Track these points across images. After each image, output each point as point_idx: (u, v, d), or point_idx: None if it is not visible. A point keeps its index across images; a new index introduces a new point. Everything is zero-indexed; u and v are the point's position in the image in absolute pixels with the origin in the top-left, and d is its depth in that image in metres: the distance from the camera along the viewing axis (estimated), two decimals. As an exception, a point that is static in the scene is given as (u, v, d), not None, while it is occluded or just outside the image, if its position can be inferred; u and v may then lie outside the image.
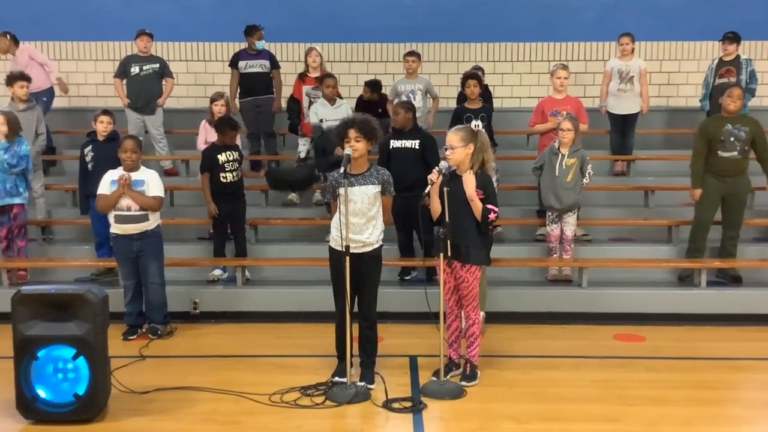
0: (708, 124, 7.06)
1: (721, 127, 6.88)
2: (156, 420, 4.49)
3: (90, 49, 10.55)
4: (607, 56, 10.04)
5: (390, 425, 4.45)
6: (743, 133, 6.84)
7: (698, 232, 7.12)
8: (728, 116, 6.90)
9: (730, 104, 6.86)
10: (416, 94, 8.44)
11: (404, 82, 8.58)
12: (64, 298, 4.38)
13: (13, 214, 7.04)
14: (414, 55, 8.64)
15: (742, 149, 6.88)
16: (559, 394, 4.89)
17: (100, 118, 6.96)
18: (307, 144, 8.33)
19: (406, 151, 6.80)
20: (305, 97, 8.12)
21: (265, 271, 7.43)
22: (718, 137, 6.87)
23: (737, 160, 6.91)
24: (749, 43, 9.87)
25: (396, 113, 6.95)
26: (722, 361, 5.65)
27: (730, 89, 6.97)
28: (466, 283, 4.93)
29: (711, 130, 6.93)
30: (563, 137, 6.93)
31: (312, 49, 8.22)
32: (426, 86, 8.53)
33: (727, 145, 6.87)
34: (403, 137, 6.88)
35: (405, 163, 6.69)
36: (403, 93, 8.46)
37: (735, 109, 6.87)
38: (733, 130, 6.85)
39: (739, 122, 6.88)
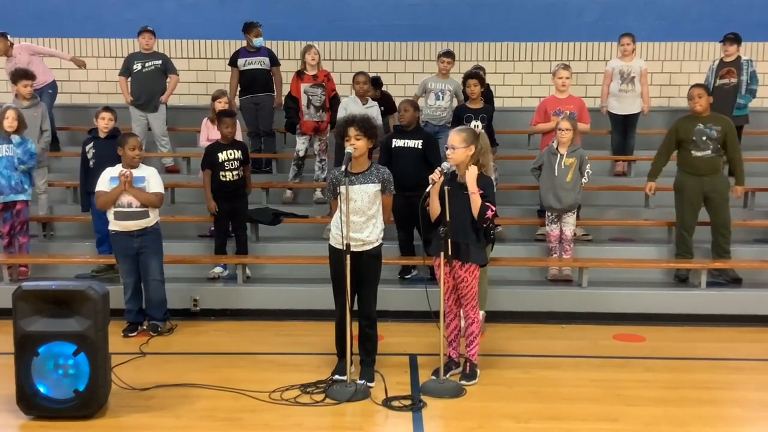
0: (679, 124, 7.09)
1: (693, 127, 6.92)
2: (156, 417, 4.49)
3: (91, 46, 10.55)
4: (609, 56, 10.03)
5: (389, 423, 4.46)
6: (715, 132, 6.88)
7: (683, 234, 7.14)
8: (699, 115, 6.93)
9: (695, 105, 6.92)
10: (445, 94, 8.40)
11: (435, 80, 8.54)
12: (65, 295, 4.39)
13: (17, 210, 7.07)
14: (450, 55, 8.57)
15: (715, 147, 6.91)
16: (559, 393, 4.90)
17: (102, 115, 6.96)
18: (306, 142, 8.33)
19: (409, 151, 6.79)
20: (303, 95, 8.13)
21: (265, 268, 7.43)
22: (690, 137, 6.92)
23: (712, 159, 6.94)
24: (750, 44, 9.86)
25: (405, 110, 6.90)
26: (721, 362, 5.66)
27: (690, 91, 7.00)
28: (465, 282, 4.94)
29: (682, 130, 6.99)
30: (561, 137, 6.93)
31: (310, 47, 8.22)
32: (456, 88, 8.49)
33: (700, 144, 6.90)
34: (406, 137, 6.88)
35: (407, 162, 6.69)
36: (433, 91, 8.43)
37: (701, 109, 6.91)
38: (705, 129, 6.89)
39: (711, 121, 6.92)
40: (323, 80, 8.18)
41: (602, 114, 9.08)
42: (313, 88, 8.13)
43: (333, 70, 9.98)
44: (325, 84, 8.17)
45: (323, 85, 8.16)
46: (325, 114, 8.18)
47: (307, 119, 8.17)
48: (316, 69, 8.17)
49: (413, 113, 6.91)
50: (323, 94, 8.15)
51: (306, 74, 8.16)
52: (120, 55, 10.07)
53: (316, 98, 8.14)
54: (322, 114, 8.18)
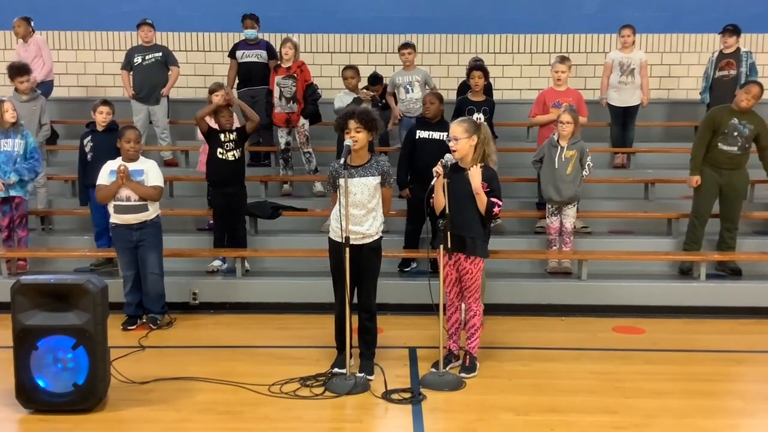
0: (715, 114, 7.00)
1: (728, 119, 6.85)
2: (155, 410, 4.49)
3: (89, 38, 10.51)
4: (608, 48, 10.01)
5: (389, 416, 4.46)
6: (747, 130, 6.82)
7: (696, 224, 7.12)
8: (737, 110, 6.87)
9: (742, 101, 6.81)
10: (414, 85, 8.40)
11: (402, 74, 8.54)
12: (64, 288, 4.39)
13: (15, 204, 7.05)
14: (409, 47, 8.56)
15: (743, 145, 6.87)
16: (558, 385, 4.90)
17: (100, 109, 6.94)
18: (284, 135, 8.32)
19: (434, 143, 6.74)
20: (276, 87, 8.11)
21: (264, 262, 7.43)
22: (723, 129, 6.85)
23: (736, 155, 6.89)
24: (749, 35, 9.84)
25: (431, 102, 6.87)
26: (721, 354, 5.67)
27: (748, 86, 6.88)
28: (469, 274, 4.93)
29: (717, 120, 6.90)
30: (562, 130, 6.91)
31: (287, 40, 8.20)
32: (424, 77, 8.49)
33: (730, 138, 6.85)
34: (431, 128, 6.85)
35: (432, 154, 6.61)
36: (401, 85, 8.44)
37: (746, 107, 6.83)
38: (739, 125, 6.83)
39: (746, 118, 6.85)
40: (295, 71, 8.13)
41: (602, 106, 9.06)
42: (285, 79, 8.12)
43: (331, 63, 9.99)
44: (296, 75, 8.12)
45: (294, 77, 8.11)
46: (295, 105, 8.15)
47: (278, 111, 8.16)
48: (290, 62, 8.15)
49: (438, 106, 6.89)
50: (293, 85, 8.10)
51: (281, 67, 8.16)
52: (118, 48, 10.04)
53: (287, 89, 8.11)
54: (293, 105, 8.14)
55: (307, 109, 8.20)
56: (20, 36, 9.01)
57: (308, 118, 8.29)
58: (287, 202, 8.03)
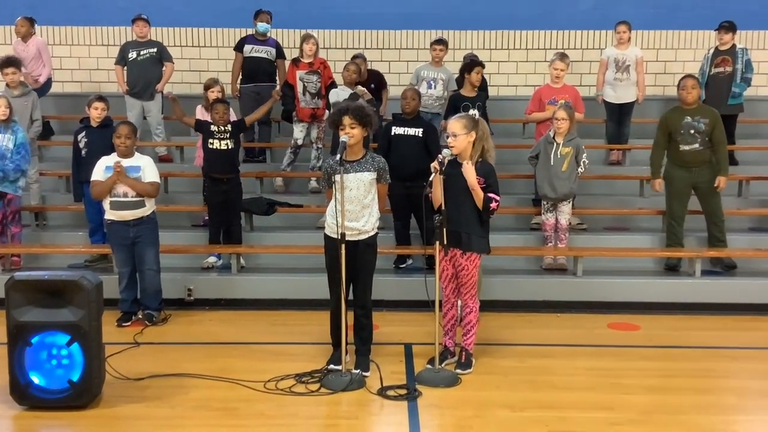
0: (667, 117, 7.06)
1: (681, 120, 6.90)
2: (150, 406, 4.48)
3: (83, 34, 10.47)
4: (604, 45, 9.99)
5: (385, 413, 4.46)
6: (702, 125, 6.85)
7: (673, 224, 7.15)
8: (687, 108, 6.90)
9: (686, 96, 6.86)
10: (438, 83, 8.37)
11: (428, 68, 8.49)
12: (58, 285, 4.37)
13: (8, 200, 7.01)
14: (442, 43, 8.52)
15: (703, 140, 6.89)
16: (554, 382, 4.90)
17: (95, 105, 6.91)
18: (303, 130, 8.28)
19: (409, 139, 6.74)
20: (299, 82, 8.09)
21: (259, 258, 7.41)
22: (678, 130, 6.89)
23: (700, 152, 6.92)
24: (745, 32, 9.85)
25: (412, 98, 6.83)
26: (716, 350, 5.68)
27: (683, 80, 6.95)
28: (465, 271, 4.93)
29: (670, 123, 6.96)
30: (558, 126, 6.91)
31: (310, 36, 8.17)
32: (448, 77, 8.46)
33: (687, 137, 6.89)
34: (407, 125, 6.82)
35: (407, 151, 6.64)
36: (426, 79, 8.39)
37: (693, 100, 6.87)
38: (693, 122, 6.86)
39: (699, 114, 6.89)
40: (319, 67, 8.15)
41: (598, 102, 9.06)
42: (309, 74, 8.10)
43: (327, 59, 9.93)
44: (321, 71, 8.14)
45: (319, 72, 8.13)
46: (320, 101, 8.15)
47: (304, 106, 8.13)
48: (312, 58, 8.14)
49: (418, 102, 6.88)
50: (318, 81, 8.11)
51: (302, 62, 8.13)
52: (113, 44, 10.00)
53: (312, 85, 8.10)
54: (318, 101, 8.14)
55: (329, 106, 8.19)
56: (21, 35, 8.96)
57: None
58: (283, 198, 8.02)
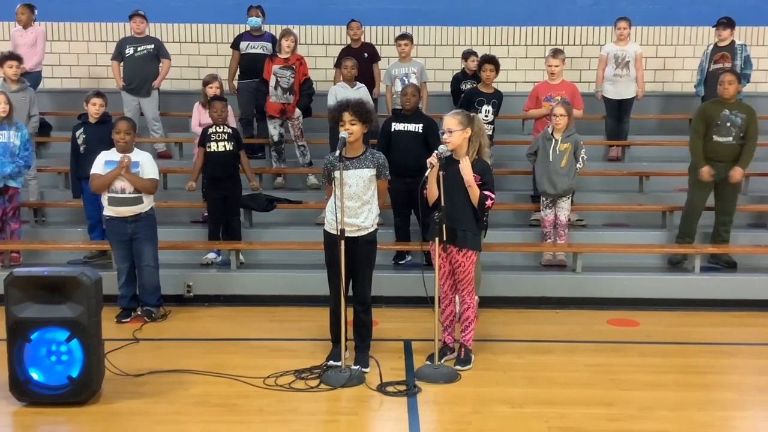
0: (706, 107, 7.06)
1: (719, 111, 6.88)
2: (150, 402, 4.48)
3: (82, 30, 10.44)
4: (603, 41, 9.98)
5: (384, 409, 4.46)
6: (740, 119, 6.85)
7: (690, 216, 7.14)
8: (726, 101, 6.90)
9: (724, 92, 6.87)
10: (410, 77, 8.37)
11: (398, 65, 8.52)
12: (57, 281, 4.37)
13: (9, 196, 7.00)
14: (406, 38, 8.54)
15: (737, 135, 6.88)
16: (553, 378, 4.91)
17: (93, 101, 6.89)
18: (277, 126, 8.27)
19: (409, 135, 6.73)
20: (272, 77, 8.07)
21: (259, 254, 7.41)
22: (716, 121, 6.87)
23: (732, 146, 6.91)
24: (744, 28, 9.83)
25: (412, 95, 6.83)
26: (715, 346, 5.69)
27: (722, 75, 6.97)
28: (462, 267, 4.93)
29: (709, 113, 6.94)
30: (556, 123, 6.90)
31: (290, 32, 8.16)
32: (420, 70, 8.47)
33: (723, 130, 6.87)
34: (406, 120, 6.81)
35: (408, 147, 6.63)
36: (398, 77, 8.41)
37: (730, 95, 6.87)
38: (731, 115, 6.85)
39: (737, 108, 6.89)
40: (294, 63, 8.10)
41: (597, 99, 9.05)
42: (283, 69, 8.07)
43: (325, 55, 9.96)
44: (295, 67, 8.09)
45: (293, 68, 8.08)
46: (292, 97, 8.11)
47: (273, 100, 8.11)
48: (290, 53, 8.11)
49: (418, 98, 6.89)
50: (292, 77, 8.06)
51: (278, 57, 8.12)
52: (111, 39, 9.96)
53: (284, 80, 8.07)
54: (289, 96, 8.11)
55: (302, 102, 8.17)
56: (22, 23, 8.93)
57: (302, 111, 8.25)
58: (281, 194, 8.01)
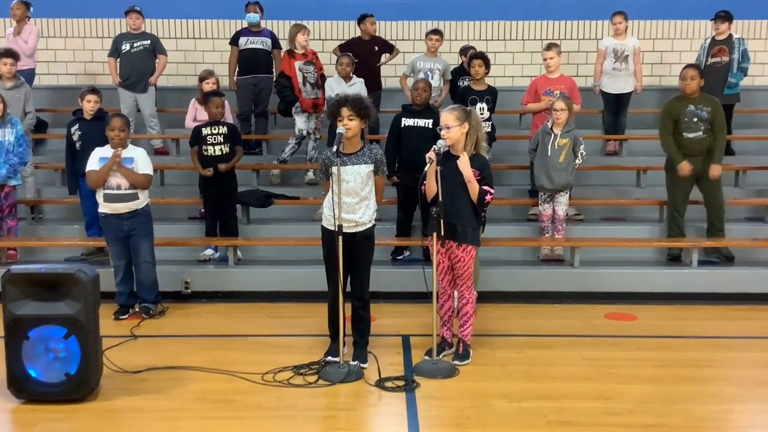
0: (671, 105, 7.06)
1: (684, 108, 6.90)
2: (148, 399, 4.48)
3: (78, 26, 10.41)
4: (600, 35, 9.97)
5: (383, 404, 4.46)
6: (705, 113, 6.86)
7: (675, 214, 7.15)
8: (689, 97, 6.90)
9: (686, 87, 6.86)
10: (434, 73, 8.34)
11: (424, 59, 8.48)
12: (55, 278, 4.36)
13: (5, 193, 6.99)
14: (437, 33, 8.50)
15: (706, 128, 6.90)
16: (551, 372, 4.91)
17: (87, 97, 6.87)
18: (306, 120, 8.22)
19: (420, 131, 6.70)
20: (299, 73, 8.05)
21: (256, 250, 7.40)
22: (681, 118, 6.89)
23: (703, 140, 6.92)
24: (741, 21, 9.83)
25: (423, 90, 6.80)
26: (713, 340, 5.70)
27: (684, 71, 6.94)
28: (462, 262, 4.93)
29: (674, 111, 6.96)
30: (557, 117, 6.89)
31: (303, 27, 8.14)
32: (444, 67, 8.45)
33: (691, 125, 6.89)
34: (417, 116, 6.78)
35: (418, 142, 6.56)
36: (422, 70, 8.37)
37: (692, 91, 6.87)
38: (696, 110, 6.87)
39: (701, 102, 6.89)
40: (313, 58, 8.14)
41: (595, 93, 9.04)
42: (307, 65, 8.08)
43: (323, 50, 9.91)
44: (314, 62, 8.14)
45: (314, 63, 8.12)
46: (319, 91, 8.13)
47: (306, 97, 8.11)
48: (306, 48, 8.12)
49: (429, 94, 6.87)
50: (315, 71, 8.11)
51: (297, 53, 8.11)
52: (107, 35, 9.93)
53: (311, 75, 8.08)
54: (317, 91, 8.13)
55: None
56: (16, 19, 8.89)
57: None
58: (280, 190, 8.00)
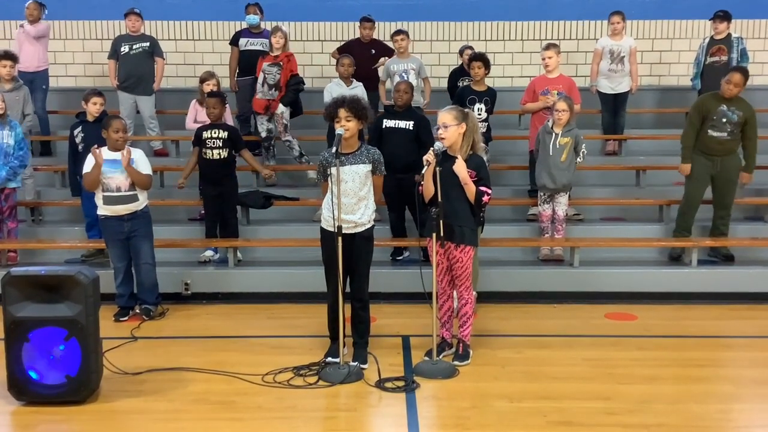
0: (704, 101, 7.03)
1: (717, 106, 6.86)
2: (149, 401, 4.48)
3: (78, 28, 10.42)
4: (599, 35, 9.96)
5: (383, 404, 4.46)
6: (736, 116, 6.83)
7: (687, 211, 7.14)
8: (724, 97, 6.88)
9: (727, 91, 6.81)
10: (409, 73, 8.34)
11: (396, 61, 8.50)
12: (55, 280, 4.36)
13: (5, 195, 7.00)
14: (401, 33, 8.49)
15: (732, 131, 6.87)
16: (551, 372, 4.92)
17: (93, 99, 6.88)
18: (264, 122, 8.24)
19: (400, 132, 6.72)
20: (261, 74, 8.07)
21: (256, 251, 7.41)
22: (712, 115, 6.86)
23: (726, 141, 6.90)
24: (740, 21, 9.84)
25: (405, 92, 6.80)
26: (712, 339, 5.70)
27: (731, 74, 6.85)
28: (460, 263, 4.93)
29: (706, 107, 6.92)
30: (558, 117, 6.89)
31: (278, 29, 8.16)
32: (419, 66, 8.45)
33: (719, 125, 6.86)
34: (397, 117, 6.79)
35: (398, 143, 6.62)
36: (396, 73, 8.38)
37: (731, 96, 6.84)
38: (728, 111, 6.84)
39: (735, 105, 6.86)
40: (282, 60, 8.09)
41: (592, 93, 9.05)
42: (270, 66, 8.09)
43: (322, 51, 9.95)
44: (283, 64, 8.09)
45: (280, 65, 8.07)
46: (276, 92, 8.10)
47: (260, 97, 8.12)
48: (280, 51, 8.11)
49: (411, 96, 6.87)
50: (278, 73, 8.05)
51: (269, 54, 8.14)
52: (107, 37, 9.95)
53: (271, 76, 8.07)
54: (274, 92, 8.10)
55: (287, 97, 8.12)
56: (32, 20, 8.87)
57: (287, 105, 8.20)
58: (280, 191, 8.00)
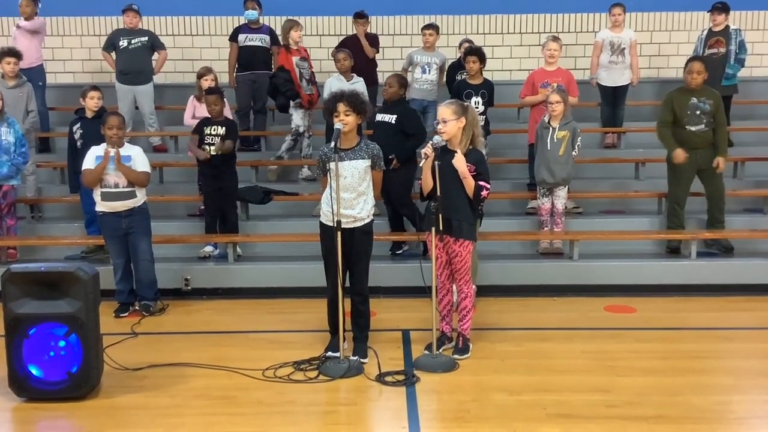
0: (672, 97, 7.02)
1: (687, 101, 6.87)
2: (150, 396, 4.50)
3: (76, 24, 10.41)
4: (598, 27, 9.96)
5: (383, 398, 4.48)
6: (708, 106, 6.84)
7: (676, 207, 7.14)
8: (693, 89, 6.89)
9: (692, 81, 6.83)
10: (432, 67, 8.39)
11: (421, 53, 8.50)
12: (55, 276, 4.37)
13: (4, 192, 6.99)
14: (431, 27, 8.54)
15: (708, 121, 6.88)
16: (551, 365, 4.93)
17: (90, 94, 6.87)
18: (305, 116, 8.19)
19: (384, 125, 6.74)
20: (296, 69, 8.06)
21: (256, 247, 7.41)
22: (684, 111, 6.87)
23: (705, 133, 6.90)
24: (738, 12, 9.82)
25: (390, 86, 6.80)
26: (711, 331, 5.71)
27: (691, 64, 6.91)
28: (459, 257, 4.94)
29: (676, 103, 6.93)
30: (552, 110, 6.89)
31: (297, 23, 8.15)
32: (442, 61, 8.49)
33: (694, 118, 6.87)
34: (385, 111, 6.84)
35: (383, 136, 6.61)
36: (419, 64, 8.40)
37: (698, 85, 6.85)
38: (699, 103, 6.85)
39: (704, 95, 6.87)
40: (306, 55, 8.18)
41: (592, 86, 9.04)
42: (302, 61, 8.13)
43: (320, 46, 9.94)
44: (307, 59, 8.18)
45: (307, 59, 8.17)
46: (313, 87, 8.16)
47: (303, 93, 8.13)
48: (298, 45, 8.13)
49: (397, 90, 6.81)
50: (309, 67, 8.16)
51: (293, 49, 8.13)
52: (104, 34, 9.91)
53: (306, 71, 8.13)
54: (311, 87, 8.17)
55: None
56: (26, 16, 8.87)
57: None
58: (278, 186, 8.00)
